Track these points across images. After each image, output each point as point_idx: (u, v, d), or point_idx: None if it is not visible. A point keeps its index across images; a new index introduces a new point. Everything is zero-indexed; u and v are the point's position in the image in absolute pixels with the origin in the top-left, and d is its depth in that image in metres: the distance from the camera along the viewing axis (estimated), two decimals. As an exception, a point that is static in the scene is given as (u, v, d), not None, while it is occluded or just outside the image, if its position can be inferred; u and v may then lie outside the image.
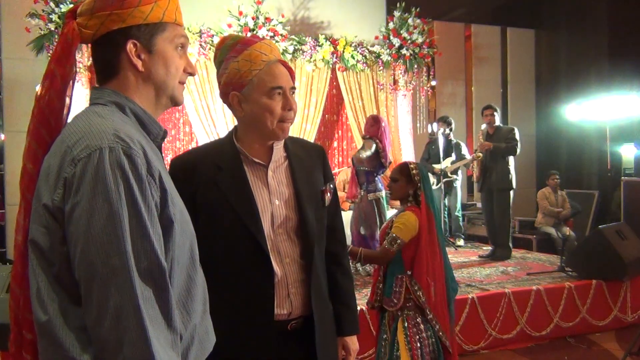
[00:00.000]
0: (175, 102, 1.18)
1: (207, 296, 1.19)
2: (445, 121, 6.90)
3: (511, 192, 5.89)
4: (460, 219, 7.19)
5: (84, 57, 5.68)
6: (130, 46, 1.08)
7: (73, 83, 1.13)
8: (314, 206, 1.60)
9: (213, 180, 1.53)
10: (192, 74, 1.20)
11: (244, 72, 1.51)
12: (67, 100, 1.12)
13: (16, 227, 1.08)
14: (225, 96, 1.57)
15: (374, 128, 5.07)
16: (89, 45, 1.13)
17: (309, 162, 1.66)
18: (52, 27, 5.50)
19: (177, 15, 1.15)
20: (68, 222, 0.96)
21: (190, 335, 1.10)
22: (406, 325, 2.63)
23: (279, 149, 1.61)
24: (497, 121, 6.01)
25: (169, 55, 1.13)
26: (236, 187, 1.53)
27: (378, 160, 5.02)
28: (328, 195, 1.66)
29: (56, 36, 5.53)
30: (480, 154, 5.88)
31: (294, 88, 1.57)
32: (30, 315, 1.04)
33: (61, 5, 5.50)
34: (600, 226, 4.98)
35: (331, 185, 1.69)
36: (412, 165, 2.78)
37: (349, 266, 1.80)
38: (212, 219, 1.51)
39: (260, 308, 1.52)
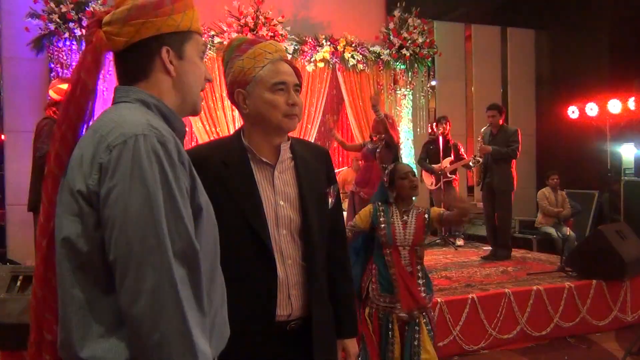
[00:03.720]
0: (195, 110, 1.23)
1: (225, 290, 1.22)
2: (441, 121, 6.94)
3: (512, 193, 5.89)
4: None
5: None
6: (164, 52, 1.14)
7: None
8: (317, 208, 1.60)
9: (219, 177, 1.52)
10: (209, 80, 1.25)
11: (248, 69, 1.54)
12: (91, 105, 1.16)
13: (39, 230, 1.11)
14: (231, 95, 1.60)
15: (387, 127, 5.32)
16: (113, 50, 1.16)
17: (314, 163, 1.66)
18: (52, 27, 5.50)
19: (199, 24, 1.21)
20: (104, 205, 0.99)
21: (212, 323, 1.13)
22: (426, 321, 2.74)
23: (285, 150, 1.61)
24: (501, 121, 5.95)
25: (196, 62, 1.19)
26: (242, 185, 1.53)
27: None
28: (331, 198, 1.66)
29: (56, 36, 5.54)
30: (480, 159, 5.86)
31: (298, 85, 1.58)
32: (50, 316, 1.08)
33: (61, 5, 5.50)
34: (600, 226, 4.98)
35: (334, 188, 1.69)
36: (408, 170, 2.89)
37: (350, 268, 1.79)
38: (217, 216, 1.51)
39: (262, 308, 1.51)
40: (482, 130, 6.13)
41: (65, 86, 4.15)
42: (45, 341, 1.09)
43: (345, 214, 5.34)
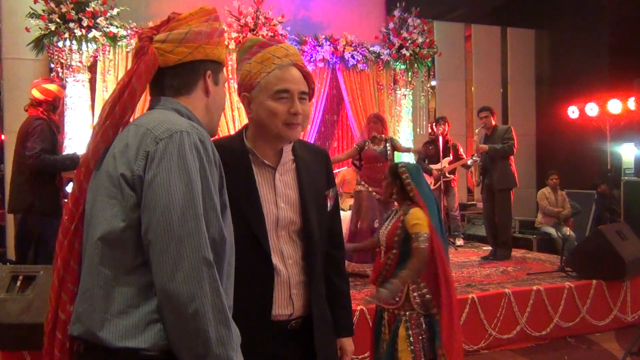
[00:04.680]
0: (214, 131, 1.38)
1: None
2: (440, 122, 6.96)
3: (512, 192, 5.89)
4: (459, 218, 7.20)
5: (81, 56, 5.68)
6: (207, 75, 1.30)
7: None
8: (317, 210, 1.61)
9: None
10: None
11: (254, 73, 1.53)
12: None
13: (68, 214, 1.21)
14: (239, 96, 1.62)
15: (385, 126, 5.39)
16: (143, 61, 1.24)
17: (314, 166, 1.67)
18: (52, 27, 5.50)
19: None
20: (148, 188, 1.10)
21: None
22: (408, 325, 2.63)
23: (287, 152, 1.62)
24: (494, 122, 5.99)
25: (223, 90, 1.38)
26: (243, 187, 1.54)
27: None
28: (330, 201, 1.67)
29: (56, 36, 5.54)
30: (477, 159, 5.87)
31: (304, 93, 1.55)
32: (66, 297, 1.18)
33: (61, 5, 5.50)
34: (600, 226, 4.98)
35: (333, 191, 1.69)
36: (400, 165, 2.81)
37: (345, 269, 1.81)
38: None
39: (258, 308, 1.52)
40: (477, 131, 6.14)
41: (51, 86, 3.95)
42: (59, 320, 1.18)
43: (349, 213, 5.33)
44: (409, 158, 7.10)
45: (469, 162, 6.19)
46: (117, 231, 1.11)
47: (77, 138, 5.61)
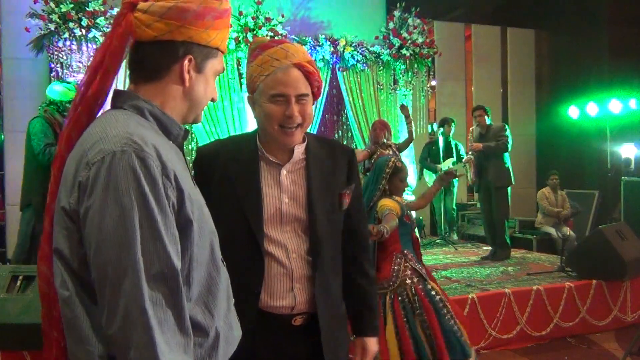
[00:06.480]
0: (197, 120, 1.24)
1: (231, 292, 1.21)
2: (447, 122, 6.99)
3: (509, 189, 5.89)
4: (455, 213, 7.23)
5: (81, 56, 5.68)
6: (186, 61, 1.12)
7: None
8: (327, 208, 1.60)
9: (227, 173, 1.57)
10: (213, 101, 1.25)
11: (255, 77, 1.55)
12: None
13: (43, 234, 1.11)
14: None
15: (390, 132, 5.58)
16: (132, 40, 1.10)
17: (331, 164, 1.65)
18: (52, 27, 5.50)
19: (225, 45, 1.22)
20: (83, 225, 0.98)
21: (215, 334, 1.12)
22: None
23: (299, 151, 1.62)
24: (488, 121, 6.00)
25: (210, 80, 1.19)
26: (246, 181, 1.57)
27: None
28: (346, 199, 1.65)
29: (56, 36, 5.54)
30: (472, 156, 5.90)
31: (303, 95, 1.53)
32: (55, 294, 1.06)
33: (61, 5, 5.50)
34: (600, 226, 4.98)
35: (351, 189, 1.66)
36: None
37: (370, 268, 1.77)
38: (218, 209, 1.48)
39: (250, 300, 1.52)
40: (471, 129, 6.17)
41: (61, 89, 4.13)
42: (54, 317, 1.10)
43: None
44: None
45: (463, 160, 6.22)
46: (73, 266, 1.01)
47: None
